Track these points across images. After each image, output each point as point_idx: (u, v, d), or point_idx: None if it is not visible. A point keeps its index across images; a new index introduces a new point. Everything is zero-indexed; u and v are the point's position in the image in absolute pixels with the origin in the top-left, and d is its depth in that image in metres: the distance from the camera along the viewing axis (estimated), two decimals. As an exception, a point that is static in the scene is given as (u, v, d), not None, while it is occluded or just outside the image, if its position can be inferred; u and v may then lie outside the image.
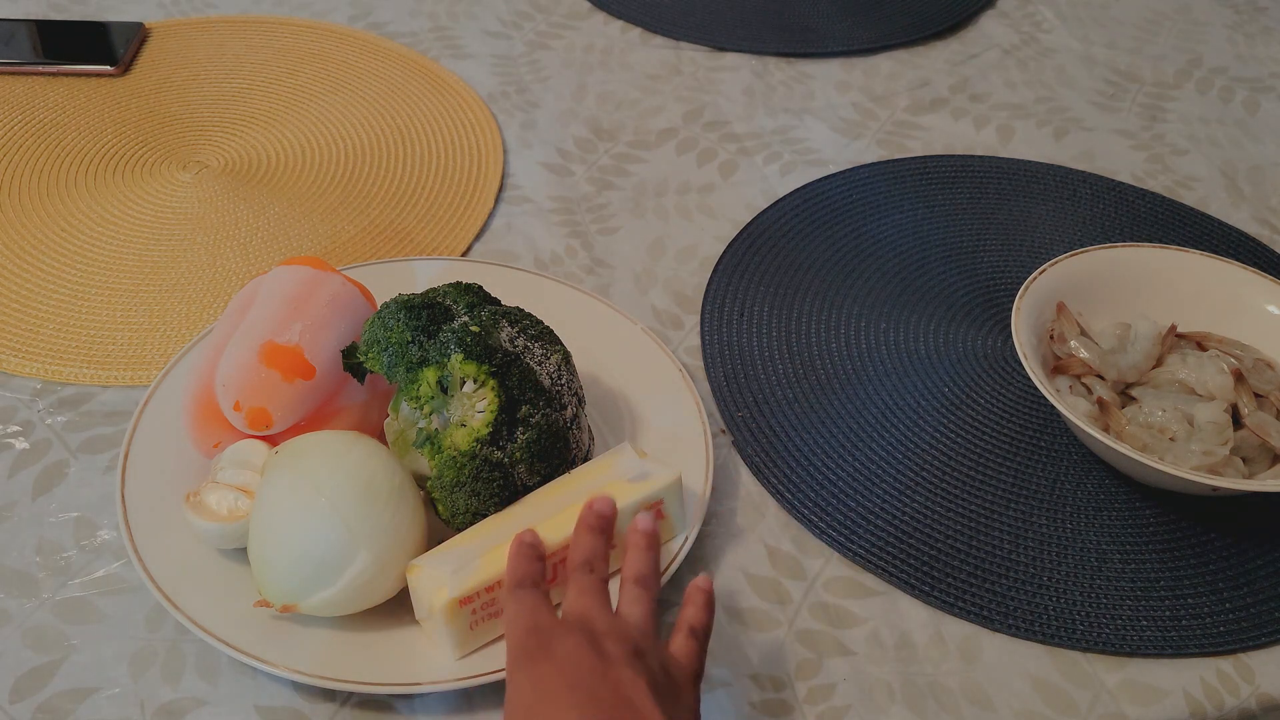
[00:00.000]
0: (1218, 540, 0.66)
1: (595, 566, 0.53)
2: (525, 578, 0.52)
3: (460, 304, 0.61)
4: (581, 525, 0.55)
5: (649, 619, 0.52)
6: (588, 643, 0.48)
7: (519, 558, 0.53)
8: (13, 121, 0.92)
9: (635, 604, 0.52)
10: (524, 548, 0.54)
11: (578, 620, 0.50)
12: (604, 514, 0.55)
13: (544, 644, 0.49)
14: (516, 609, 0.51)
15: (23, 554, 0.62)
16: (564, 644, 0.48)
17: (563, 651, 0.48)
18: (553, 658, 0.48)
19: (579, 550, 0.54)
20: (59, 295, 0.77)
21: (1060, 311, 0.72)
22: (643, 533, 0.55)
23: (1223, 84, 1.05)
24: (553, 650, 0.48)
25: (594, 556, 0.54)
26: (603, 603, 0.52)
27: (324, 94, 0.97)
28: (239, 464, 0.59)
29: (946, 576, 0.63)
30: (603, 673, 0.47)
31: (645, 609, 0.52)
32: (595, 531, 0.55)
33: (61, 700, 0.56)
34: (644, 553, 0.54)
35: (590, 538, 0.54)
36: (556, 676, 0.47)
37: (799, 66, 1.04)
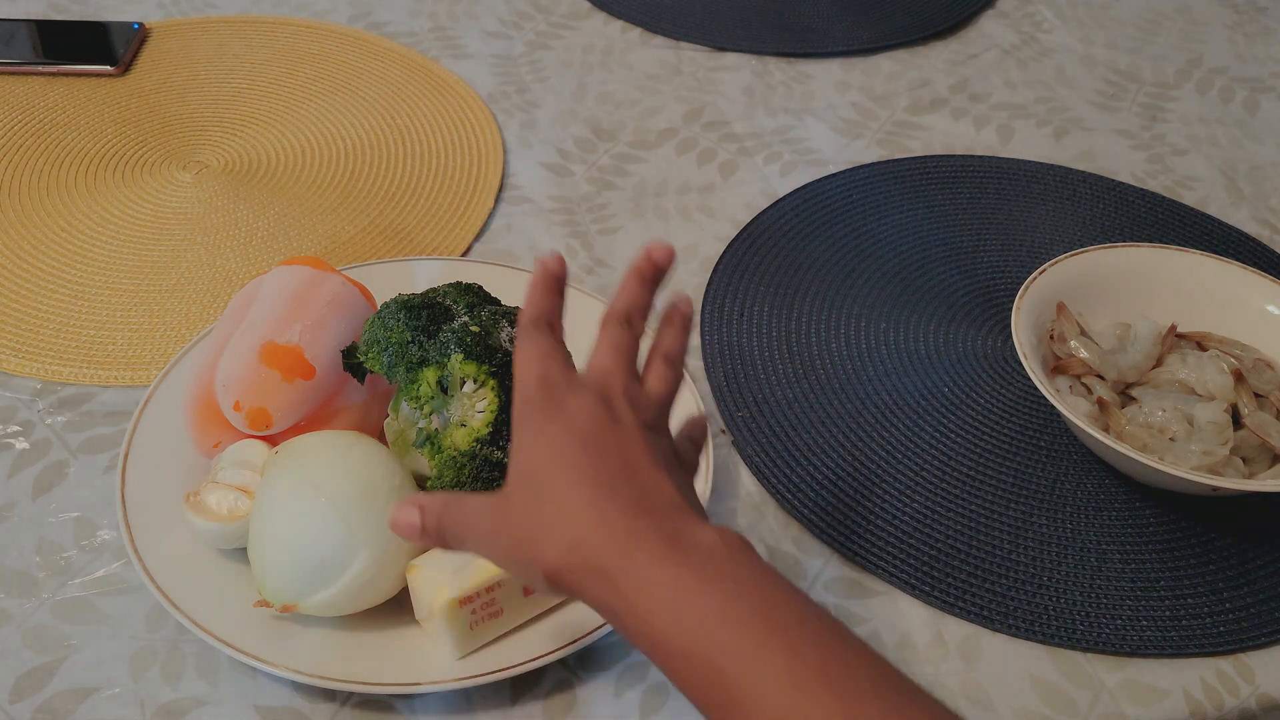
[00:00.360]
0: (1218, 540, 0.66)
1: (634, 321, 0.50)
2: (541, 315, 0.49)
3: (460, 304, 0.61)
4: (634, 272, 0.51)
5: (668, 400, 0.50)
6: (602, 403, 0.46)
7: (539, 289, 0.50)
8: (13, 121, 0.92)
9: (660, 380, 0.50)
10: (546, 278, 0.50)
11: (598, 377, 0.48)
12: (660, 265, 0.51)
13: (555, 398, 0.46)
14: (529, 352, 0.48)
15: (23, 554, 0.62)
16: (577, 401, 0.46)
17: (574, 408, 0.46)
18: (564, 414, 0.46)
19: (622, 298, 0.50)
20: (59, 295, 0.77)
21: (1060, 311, 0.72)
22: (684, 315, 0.52)
23: (1223, 84, 1.05)
24: (564, 406, 0.46)
25: (635, 310, 0.50)
26: (629, 365, 0.49)
27: (324, 94, 0.97)
28: (239, 464, 0.59)
29: (946, 577, 0.63)
30: (612, 434, 0.45)
31: (668, 389, 0.50)
32: (646, 282, 0.51)
33: (61, 700, 0.56)
34: (681, 332, 0.52)
35: (639, 288, 0.50)
36: (565, 434, 0.45)
37: (799, 66, 1.04)
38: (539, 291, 0.50)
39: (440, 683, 0.54)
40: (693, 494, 0.47)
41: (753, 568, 0.42)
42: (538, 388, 0.47)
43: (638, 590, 0.41)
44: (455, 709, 0.56)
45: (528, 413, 0.46)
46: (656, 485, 0.45)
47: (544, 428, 0.46)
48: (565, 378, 0.47)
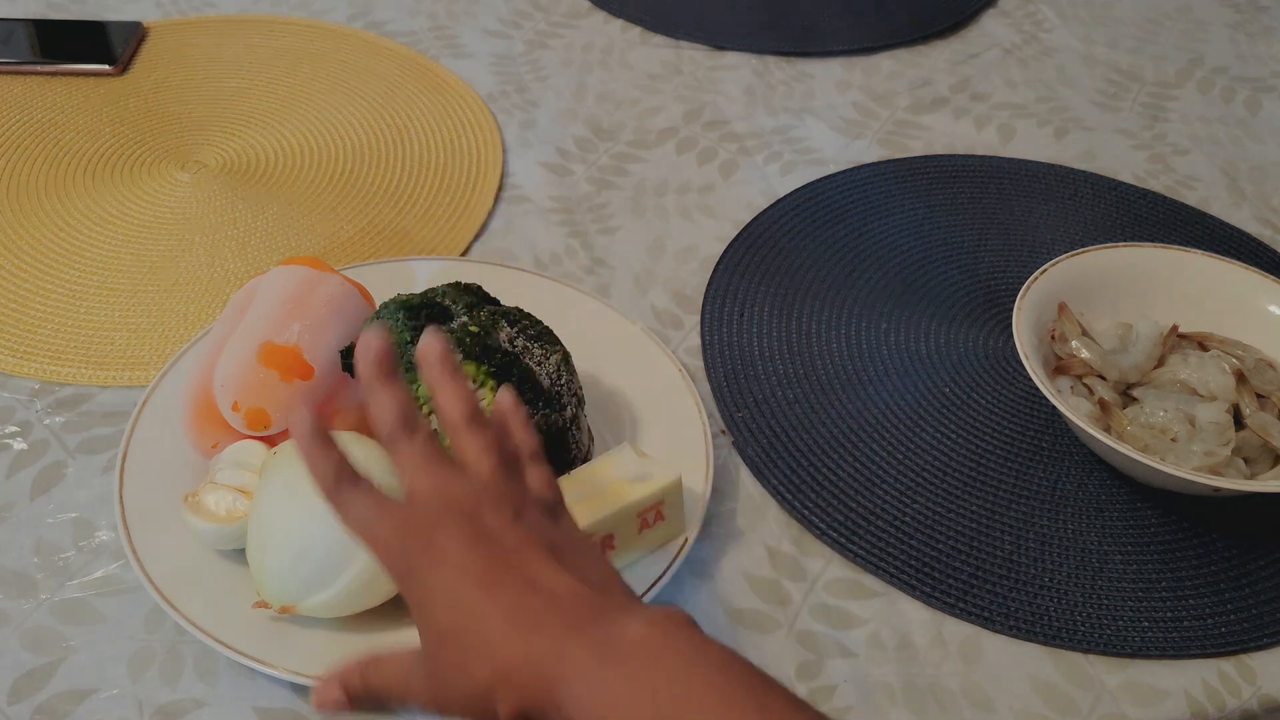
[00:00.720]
0: (1219, 541, 0.66)
1: (412, 422, 0.45)
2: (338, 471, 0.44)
3: (459, 304, 0.61)
4: (368, 380, 0.45)
5: (502, 463, 0.46)
6: (467, 525, 0.43)
7: (313, 451, 0.44)
8: (11, 121, 0.92)
9: (481, 453, 0.45)
10: (312, 438, 0.44)
11: (437, 501, 0.44)
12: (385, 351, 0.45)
13: (424, 545, 0.43)
14: (358, 512, 0.44)
15: (21, 555, 0.62)
16: (443, 538, 0.43)
17: (446, 547, 0.42)
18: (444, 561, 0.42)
19: (383, 408, 0.45)
20: (57, 295, 0.77)
21: (1061, 311, 0.72)
22: (432, 359, 0.46)
23: (1224, 84, 1.05)
24: (436, 550, 0.43)
25: (405, 411, 0.45)
26: (447, 467, 0.45)
27: (323, 93, 0.96)
28: (237, 464, 0.59)
29: (947, 577, 0.63)
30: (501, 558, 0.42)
31: (492, 455, 0.46)
32: (388, 381, 0.45)
33: (60, 701, 0.56)
34: (451, 382, 0.46)
35: (386, 390, 0.45)
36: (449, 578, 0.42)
37: (799, 66, 1.04)
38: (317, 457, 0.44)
39: (439, 684, 0.54)
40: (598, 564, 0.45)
41: (690, 649, 0.40)
42: (397, 539, 0.43)
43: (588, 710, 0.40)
44: (454, 710, 0.56)
45: (403, 572, 0.43)
46: (565, 590, 0.42)
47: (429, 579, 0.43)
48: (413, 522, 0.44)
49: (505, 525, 0.43)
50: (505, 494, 0.45)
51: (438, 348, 0.46)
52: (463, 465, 0.46)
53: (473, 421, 0.46)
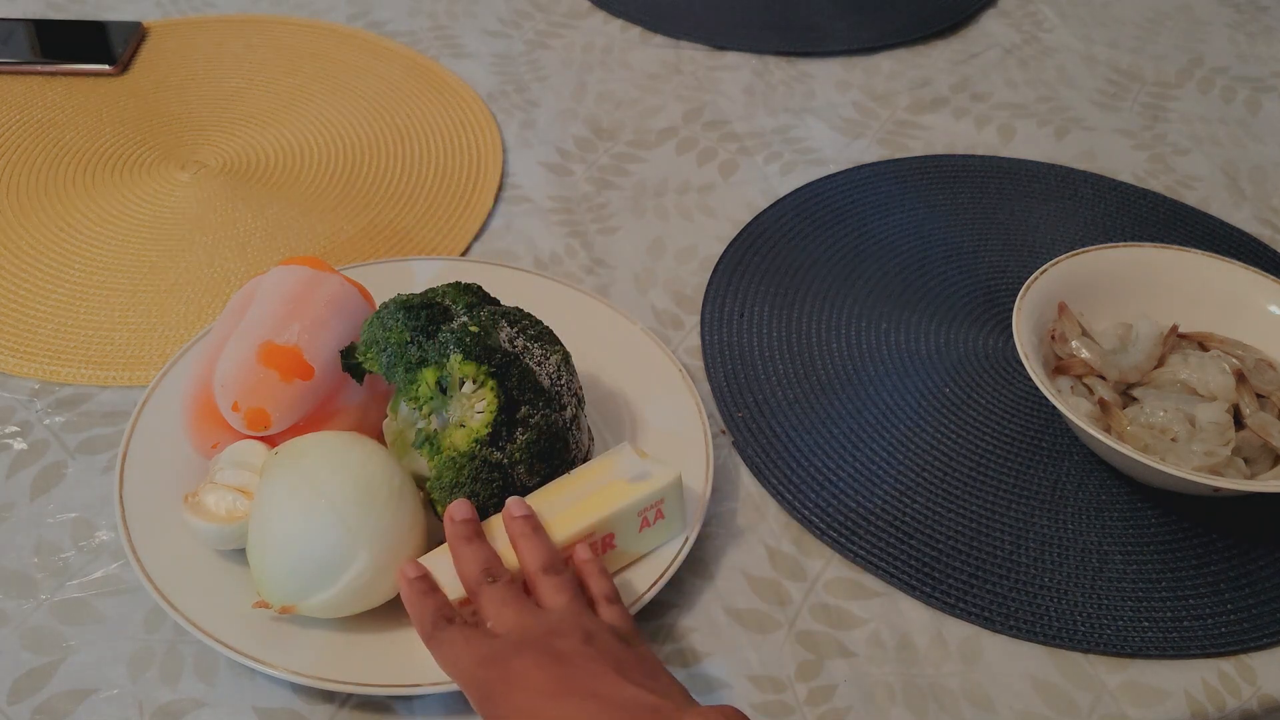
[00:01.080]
0: (1219, 541, 0.66)
1: (494, 571, 0.53)
2: (435, 615, 0.52)
3: (459, 304, 0.61)
4: (454, 540, 0.54)
5: (575, 598, 0.52)
6: (541, 652, 0.48)
7: (415, 598, 0.53)
8: (11, 121, 0.92)
9: (556, 592, 0.52)
10: (415, 584, 0.53)
11: (515, 634, 0.50)
12: (468, 518, 0.55)
13: (502, 673, 0.48)
14: (448, 652, 0.51)
15: (21, 555, 0.62)
16: (520, 664, 0.48)
17: (522, 671, 0.48)
18: (520, 684, 0.48)
19: (467, 564, 0.53)
20: (57, 295, 0.77)
21: (1061, 311, 0.72)
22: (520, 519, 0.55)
23: (1224, 83, 1.05)
24: (513, 676, 0.48)
25: (487, 563, 0.53)
26: (525, 605, 0.51)
27: (323, 93, 0.96)
28: (237, 465, 0.59)
29: (947, 577, 0.63)
30: (571, 676, 0.47)
31: (567, 592, 0.52)
32: (471, 540, 0.54)
33: (60, 701, 0.56)
34: (529, 539, 0.54)
35: (470, 547, 0.54)
36: (530, 697, 0.47)
37: (799, 65, 1.04)
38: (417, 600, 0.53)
39: (439, 684, 0.54)
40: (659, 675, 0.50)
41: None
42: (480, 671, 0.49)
43: None
44: (454, 710, 0.56)
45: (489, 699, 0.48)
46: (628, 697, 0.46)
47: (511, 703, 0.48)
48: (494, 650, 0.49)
49: (575, 648, 0.49)
50: (577, 623, 0.50)
51: (521, 512, 0.55)
52: (540, 605, 0.52)
53: (550, 569, 0.53)
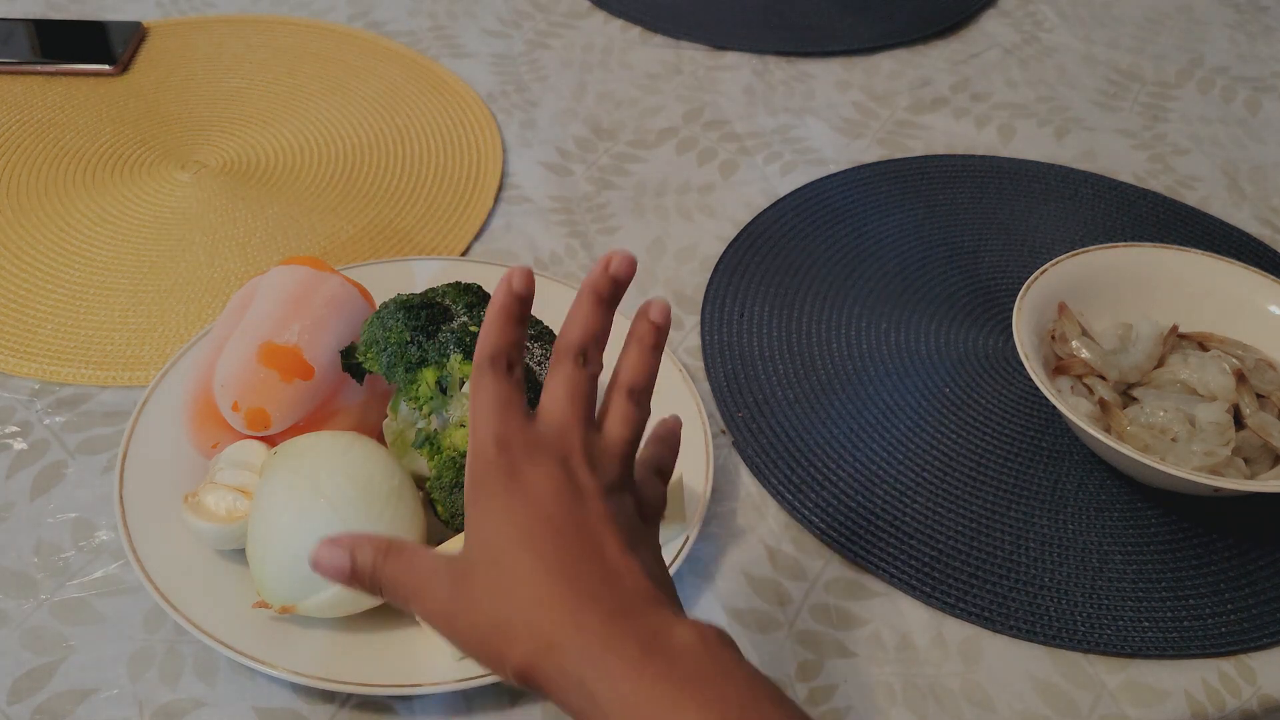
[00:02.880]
0: (1219, 541, 0.66)
1: (590, 355, 0.44)
2: (501, 350, 0.43)
3: (459, 304, 0.61)
4: (589, 291, 0.44)
5: (632, 444, 0.45)
6: (562, 471, 0.42)
7: (500, 317, 0.44)
8: (11, 121, 0.92)
9: (623, 423, 0.45)
10: (508, 304, 0.44)
11: (555, 433, 0.43)
12: (620, 281, 0.44)
13: (513, 465, 0.42)
14: (485, 401, 0.43)
15: (21, 555, 0.62)
16: (536, 471, 0.42)
17: (534, 479, 0.42)
18: (524, 486, 0.42)
19: (576, 325, 0.44)
20: (57, 295, 0.77)
21: (1062, 311, 0.72)
22: (654, 325, 0.46)
23: (1224, 83, 1.05)
24: (523, 476, 0.42)
25: (591, 340, 0.44)
26: (586, 412, 0.44)
27: (323, 93, 0.96)
28: (237, 464, 0.59)
29: (947, 578, 0.63)
30: (573, 510, 0.42)
31: (632, 431, 0.45)
32: (603, 303, 0.44)
33: (60, 701, 0.56)
34: (649, 354, 0.46)
35: (595, 312, 0.44)
36: (528, 511, 0.41)
37: (799, 65, 1.04)
38: (500, 320, 0.44)
39: (440, 684, 0.54)
40: (661, 569, 0.45)
41: (733, 670, 0.40)
42: (495, 451, 0.42)
43: (613, 702, 0.38)
44: (454, 710, 0.56)
45: (484, 479, 0.42)
46: (628, 572, 0.41)
47: (505, 501, 0.42)
48: (524, 438, 0.43)
49: (597, 492, 0.43)
50: (615, 469, 0.44)
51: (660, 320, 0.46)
52: (600, 424, 0.45)
53: (637, 396, 0.45)
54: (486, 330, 0.44)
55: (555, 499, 0.42)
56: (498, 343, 0.44)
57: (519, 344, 0.44)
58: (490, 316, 0.44)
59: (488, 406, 0.43)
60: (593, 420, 0.45)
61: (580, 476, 0.43)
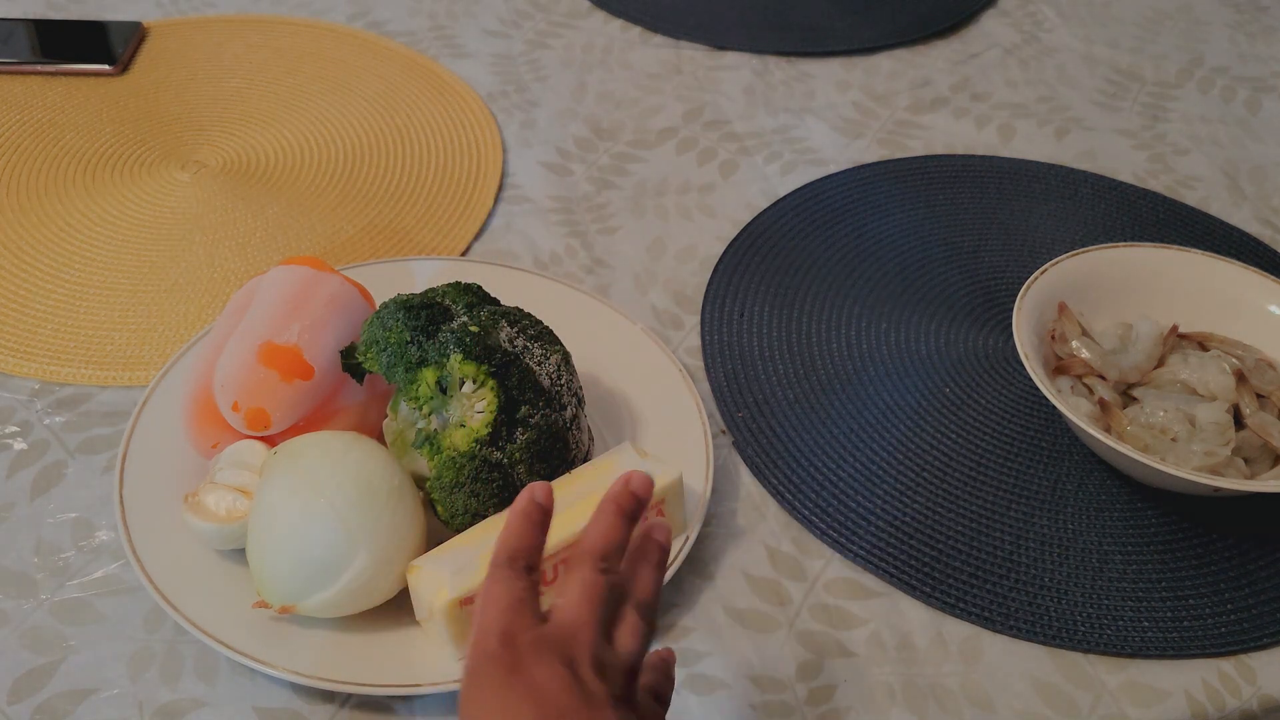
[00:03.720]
0: (1219, 541, 0.66)
1: (610, 562, 0.45)
2: (519, 552, 0.45)
3: (459, 304, 0.61)
4: (612, 505, 0.46)
5: (639, 659, 0.45)
6: (569, 673, 0.41)
7: (520, 524, 0.45)
8: (11, 121, 0.92)
9: (633, 636, 0.45)
10: (530, 510, 0.45)
11: (565, 634, 0.43)
12: (642, 498, 0.47)
13: (518, 661, 0.41)
14: (497, 596, 0.43)
15: (21, 555, 0.62)
16: (542, 670, 0.41)
17: (540, 678, 0.41)
18: (525, 683, 0.41)
19: (599, 536, 0.45)
20: (57, 295, 0.77)
21: (1062, 311, 0.72)
22: (659, 546, 0.47)
23: (1224, 83, 1.05)
24: (527, 673, 0.41)
25: (612, 548, 0.45)
26: (599, 618, 0.44)
27: (323, 93, 0.96)
28: (237, 464, 0.59)
29: (947, 577, 0.63)
30: (580, 712, 0.41)
31: (640, 645, 0.45)
32: (625, 517, 0.46)
33: (60, 701, 0.56)
34: (655, 572, 0.47)
35: (617, 524, 0.46)
36: (525, 707, 0.40)
37: (799, 65, 1.04)
38: (521, 524, 0.45)
39: (440, 684, 0.54)
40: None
41: None
42: (498, 644, 0.42)
43: None
44: (454, 711, 0.56)
45: (485, 670, 0.42)
46: None
47: (504, 696, 0.41)
48: (532, 636, 0.42)
49: (605, 700, 0.42)
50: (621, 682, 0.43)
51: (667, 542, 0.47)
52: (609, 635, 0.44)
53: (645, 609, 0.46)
54: (508, 533, 0.45)
55: (563, 696, 0.41)
56: (518, 545, 0.45)
57: (538, 549, 0.45)
58: (512, 520, 0.45)
59: (499, 601, 0.43)
60: (604, 627, 0.44)
61: (588, 681, 0.42)
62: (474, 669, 0.42)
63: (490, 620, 0.43)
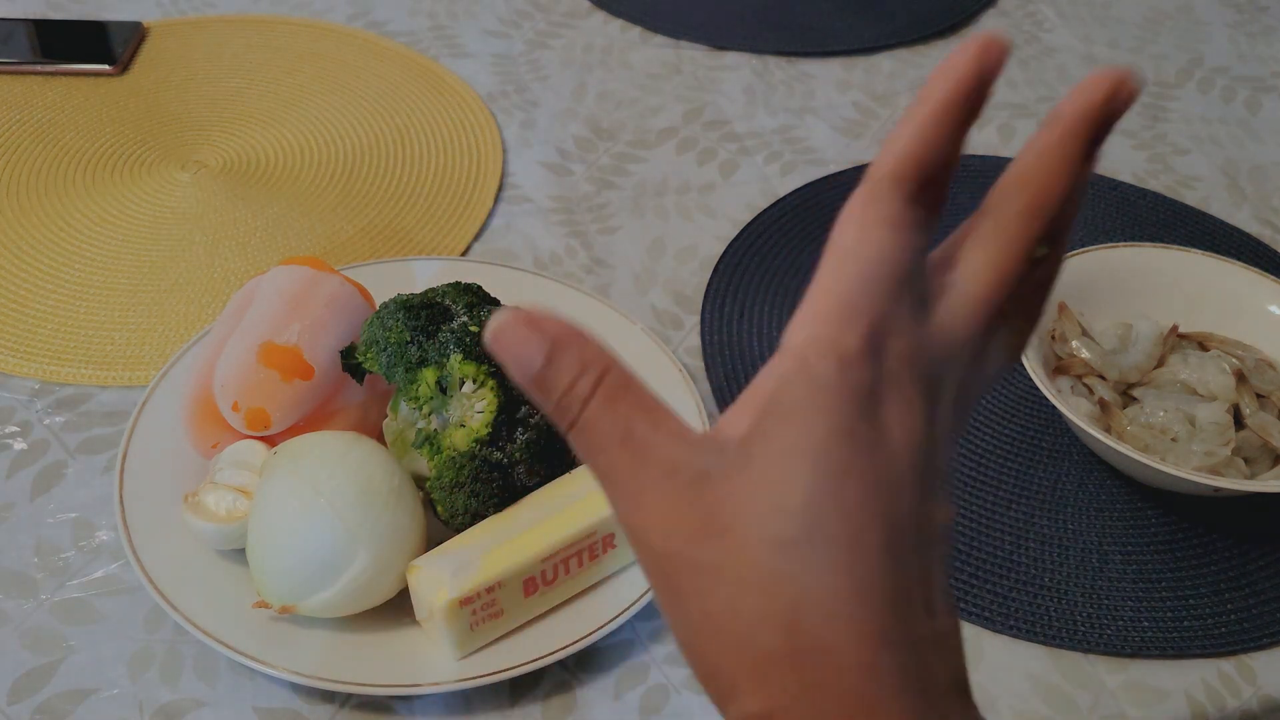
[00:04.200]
0: (1219, 541, 0.66)
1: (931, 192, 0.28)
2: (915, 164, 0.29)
3: (459, 304, 0.61)
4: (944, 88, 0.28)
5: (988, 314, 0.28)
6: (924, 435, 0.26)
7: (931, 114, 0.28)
8: (10, 121, 0.92)
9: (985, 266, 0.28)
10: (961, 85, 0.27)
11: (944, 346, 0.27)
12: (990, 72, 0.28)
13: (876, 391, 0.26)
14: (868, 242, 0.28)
15: (21, 555, 0.62)
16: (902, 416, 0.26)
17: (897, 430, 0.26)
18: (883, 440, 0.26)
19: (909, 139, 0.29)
20: (57, 295, 0.77)
21: (1061, 311, 0.72)
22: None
23: (1224, 83, 1.05)
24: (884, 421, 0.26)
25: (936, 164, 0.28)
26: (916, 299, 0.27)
27: (323, 93, 0.96)
28: (237, 464, 0.59)
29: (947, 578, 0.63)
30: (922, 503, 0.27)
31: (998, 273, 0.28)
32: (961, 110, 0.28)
33: (60, 701, 0.56)
34: None
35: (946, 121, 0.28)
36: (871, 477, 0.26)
37: (800, 65, 1.04)
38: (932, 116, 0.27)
39: (440, 684, 0.54)
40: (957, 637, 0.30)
41: None
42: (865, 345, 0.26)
43: None
44: (454, 710, 0.56)
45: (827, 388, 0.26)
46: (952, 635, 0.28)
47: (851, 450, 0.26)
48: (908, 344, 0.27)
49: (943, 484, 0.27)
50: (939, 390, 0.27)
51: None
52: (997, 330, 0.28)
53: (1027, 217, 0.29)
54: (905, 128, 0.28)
55: (906, 487, 0.26)
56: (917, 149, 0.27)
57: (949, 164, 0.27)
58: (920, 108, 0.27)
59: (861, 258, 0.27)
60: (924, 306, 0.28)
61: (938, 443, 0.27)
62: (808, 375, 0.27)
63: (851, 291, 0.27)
